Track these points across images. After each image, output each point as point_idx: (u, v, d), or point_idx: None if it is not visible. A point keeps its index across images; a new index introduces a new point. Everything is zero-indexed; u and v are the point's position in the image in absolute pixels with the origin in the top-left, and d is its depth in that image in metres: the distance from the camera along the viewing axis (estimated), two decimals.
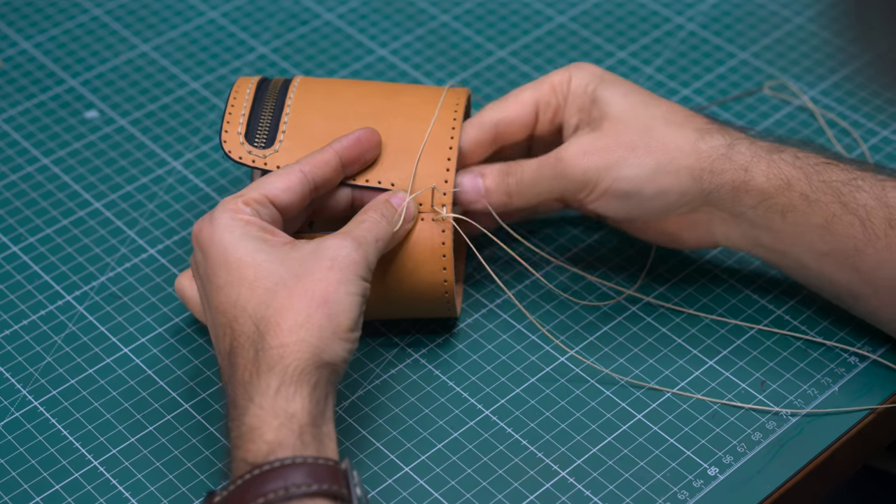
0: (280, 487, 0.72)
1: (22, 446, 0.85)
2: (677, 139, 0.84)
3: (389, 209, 0.84)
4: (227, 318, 0.78)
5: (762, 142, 0.85)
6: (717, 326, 0.90)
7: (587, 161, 0.85)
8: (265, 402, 0.75)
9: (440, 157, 0.87)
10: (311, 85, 0.90)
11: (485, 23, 1.13)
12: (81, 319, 0.92)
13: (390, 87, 0.91)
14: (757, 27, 1.11)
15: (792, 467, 0.83)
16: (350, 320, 0.78)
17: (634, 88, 0.87)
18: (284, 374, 0.75)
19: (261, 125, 0.88)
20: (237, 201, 0.81)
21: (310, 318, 0.76)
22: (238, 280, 0.78)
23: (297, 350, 0.76)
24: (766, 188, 0.83)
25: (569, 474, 0.83)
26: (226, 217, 0.80)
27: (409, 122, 0.88)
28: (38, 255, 0.96)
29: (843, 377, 0.87)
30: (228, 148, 0.87)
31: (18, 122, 1.05)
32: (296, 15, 1.14)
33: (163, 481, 0.83)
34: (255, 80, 0.91)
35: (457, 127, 0.88)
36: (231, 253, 0.79)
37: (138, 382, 0.88)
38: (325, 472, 0.74)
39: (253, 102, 0.89)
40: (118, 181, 1.01)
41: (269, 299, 0.77)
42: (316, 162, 0.84)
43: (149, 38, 1.12)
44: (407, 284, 0.86)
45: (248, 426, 0.75)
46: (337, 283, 0.78)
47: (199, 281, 0.82)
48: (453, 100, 0.89)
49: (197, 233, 0.81)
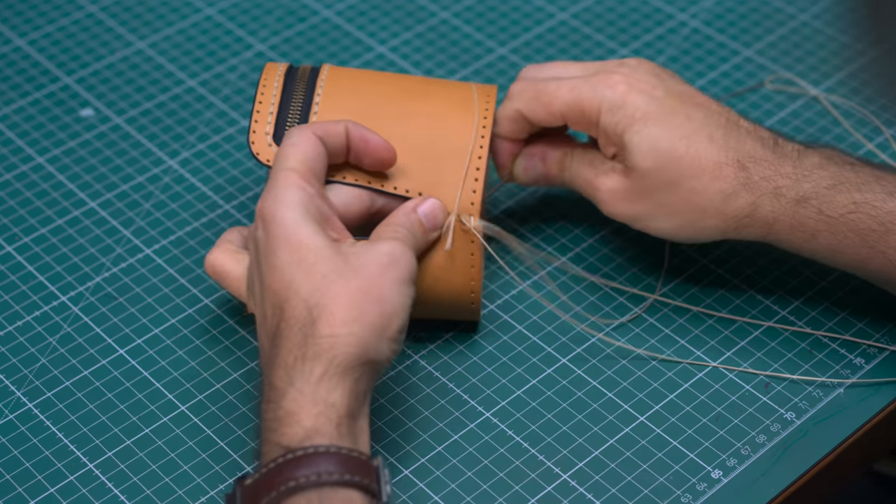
0: (312, 473, 0.72)
1: (16, 449, 0.84)
2: (701, 203, 0.85)
3: (419, 223, 0.83)
4: (279, 299, 0.77)
5: (789, 192, 0.84)
6: (720, 327, 0.90)
7: (616, 208, 0.88)
8: (306, 388, 0.75)
9: (469, 166, 0.86)
10: (339, 81, 0.89)
11: (485, 20, 1.12)
12: (77, 320, 0.91)
13: (419, 86, 0.90)
14: (761, 24, 1.11)
15: (796, 470, 0.83)
16: (401, 320, 0.78)
17: (663, 133, 0.85)
18: (330, 364, 0.75)
19: (289, 124, 0.87)
20: (294, 176, 0.80)
21: (363, 314, 0.76)
22: (297, 261, 0.77)
23: (347, 343, 0.75)
24: (792, 240, 0.85)
25: (570, 477, 0.82)
26: (290, 193, 0.79)
27: (438, 126, 0.87)
28: (32, 255, 0.95)
29: (848, 379, 0.87)
30: (256, 150, 0.86)
31: (13, 120, 1.05)
32: (294, 12, 1.13)
33: (159, 484, 0.82)
34: (283, 68, 0.90)
35: (486, 135, 0.87)
36: (293, 233, 0.78)
37: (134, 384, 0.87)
38: (359, 464, 0.74)
39: (281, 98, 0.88)
40: (114, 180, 1.00)
41: (326, 287, 0.77)
42: (327, 130, 0.83)
43: (145, 35, 1.12)
44: (433, 291, 0.85)
45: (286, 410, 0.74)
46: (392, 283, 0.78)
47: (253, 255, 0.81)
48: (483, 103, 0.89)
49: (260, 208, 0.80)
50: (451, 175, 0.86)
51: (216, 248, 0.86)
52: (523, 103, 0.89)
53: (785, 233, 0.85)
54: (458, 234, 0.85)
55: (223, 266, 0.85)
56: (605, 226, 0.96)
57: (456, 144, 0.87)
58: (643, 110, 0.86)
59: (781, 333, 0.89)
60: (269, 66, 0.90)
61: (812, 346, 0.89)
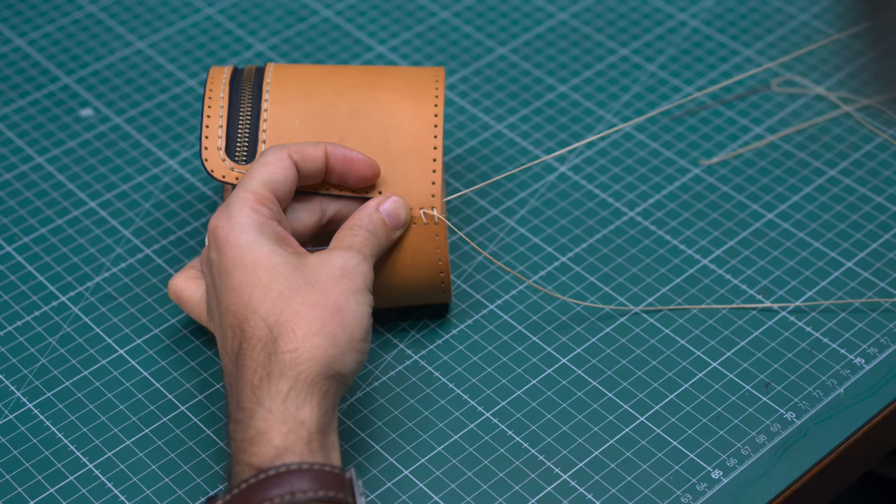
0: (286, 492, 0.72)
1: (16, 449, 0.84)
2: None
3: (382, 223, 0.83)
4: (238, 320, 0.77)
5: None
6: (720, 328, 0.90)
7: None
8: (274, 407, 0.74)
9: (425, 158, 0.86)
10: (285, 82, 0.88)
11: (485, 19, 1.12)
12: (76, 320, 0.91)
13: (366, 79, 0.89)
14: (761, 24, 1.11)
15: (796, 471, 0.83)
16: (362, 330, 0.78)
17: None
18: (296, 381, 0.75)
19: (240, 136, 0.86)
20: (252, 199, 0.80)
21: (324, 327, 0.76)
22: (252, 281, 0.77)
23: (310, 357, 0.75)
24: None
25: (570, 477, 0.82)
26: (244, 216, 0.79)
27: (390, 121, 0.86)
28: (32, 256, 0.95)
29: (848, 380, 0.87)
30: (211, 167, 0.85)
31: (12, 120, 1.04)
32: (293, 11, 1.13)
33: (159, 484, 0.82)
34: (228, 72, 0.89)
35: (439, 124, 0.87)
36: (248, 254, 0.78)
37: (134, 384, 0.87)
38: (332, 479, 0.73)
39: (229, 108, 0.87)
40: (113, 180, 1.00)
41: (284, 304, 0.77)
42: (305, 153, 0.83)
43: (145, 35, 1.11)
44: (404, 283, 0.86)
45: (256, 429, 0.74)
46: (348, 293, 0.78)
47: (209, 279, 0.81)
48: (431, 90, 0.88)
49: (213, 229, 0.80)
50: (409, 169, 0.86)
51: (179, 273, 0.87)
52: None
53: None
54: (422, 228, 0.85)
55: (182, 291, 0.86)
56: (598, 230, 0.96)
57: (410, 138, 0.86)
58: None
59: (781, 333, 0.89)
60: (213, 71, 0.89)
61: (813, 346, 0.89)
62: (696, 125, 1.03)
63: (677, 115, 1.03)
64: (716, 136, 1.02)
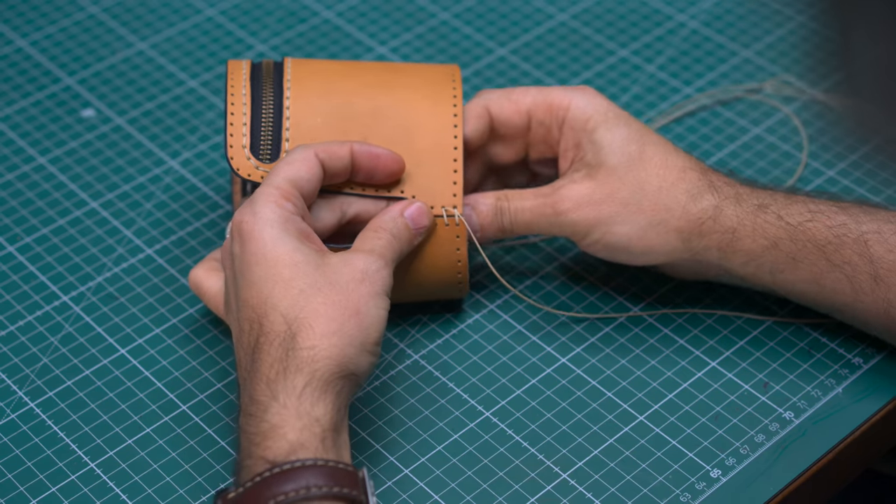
0: (301, 487, 0.72)
1: (18, 448, 0.84)
2: (668, 201, 0.85)
3: (406, 228, 0.84)
4: (257, 314, 0.78)
5: (750, 199, 0.85)
6: (719, 327, 0.90)
7: (580, 214, 0.86)
8: (290, 402, 0.75)
9: (447, 158, 0.86)
10: (306, 80, 0.88)
11: (485, 20, 1.13)
12: (78, 320, 0.91)
13: (384, 76, 0.89)
14: (760, 25, 1.11)
15: (795, 470, 0.83)
16: (378, 333, 0.78)
17: (633, 134, 0.87)
18: (312, 377, 0.76)
19: (263, 134, 0.87)
20: (277, 194, 0.80)
21: (342, 327, 0.77)
22: (273, 277, 0.78)
23: (328, 355, 0.76)
24: (753, 248, 0.85)
25: (570, 476, 0.82)
26: (268, 210, 0.80)
27: (411, 120, 0.87)
28: (34, 256, 0.95)
29: (846, 379, 0.87)
30: (236, 165, 0.86)
31: (14, 120, 1.05)
32: (294, 13, 1.13)
33: (160, 483, 0.83)
34: (247, 67, 0.89)
35: (459, 124, 0.87)
36: (270, 249, 0.79)
37: (136, 384, 0.88)
38: (345, 476, 0.74)
39: (252, 105, 0.87)
40: (115, 180, 1.00)
41: (304, 301, 0.77)
42: (332, 152, 0.84)
43: (146, 35, 1.12)
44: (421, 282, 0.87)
45: (270, 423, 0.75)
46: (368, 297, 0.78)
47: (229, 272, 0.82)
48: (449, 88, 0.89)
49: (238, 223, 0.80)
50: (431, 169, 0.86)
51: (200, 265, 0.88)
52: (491, 100, 0.89)
53: (747, 239, 0.84)
54: (443, 227, 0.85)
55: (202, 282, 0.87)
56: None
57: (431, 137, 0.87)
58: (614, 112, 0.87)
59: (781, 333, 0.89)
60: (232, 66, 0.89)
61: (811, 345, 0.89)
62: (695, 126, 1.03)
63: (675, 116, 1.04)
64: (714, 137, 1.02)
